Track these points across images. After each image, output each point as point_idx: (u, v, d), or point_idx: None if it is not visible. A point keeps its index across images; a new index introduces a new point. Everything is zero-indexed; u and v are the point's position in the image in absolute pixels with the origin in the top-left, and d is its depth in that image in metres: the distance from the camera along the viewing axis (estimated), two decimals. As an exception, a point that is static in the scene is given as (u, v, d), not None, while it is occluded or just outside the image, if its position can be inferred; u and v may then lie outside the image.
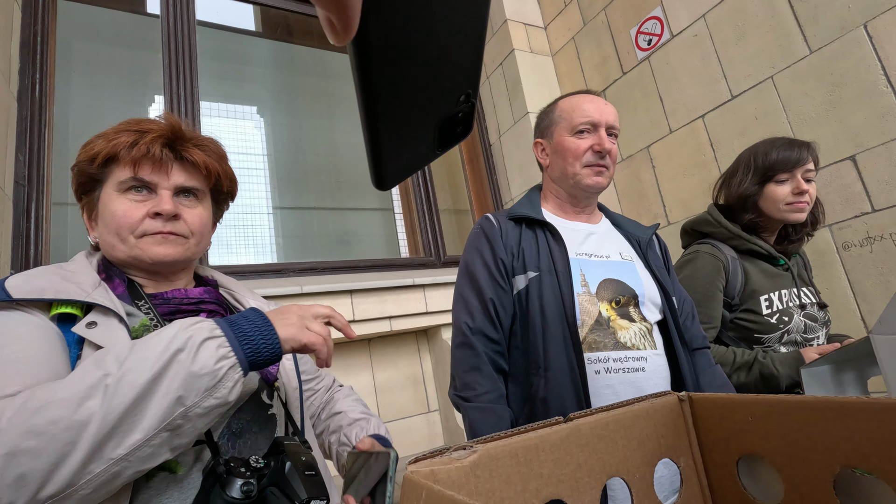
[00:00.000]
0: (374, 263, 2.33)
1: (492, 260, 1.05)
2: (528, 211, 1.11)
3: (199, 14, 2.26)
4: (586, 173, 1.09)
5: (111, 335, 0.62)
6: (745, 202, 1.34)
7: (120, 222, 0.73)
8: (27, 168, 1.65)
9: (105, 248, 0.76)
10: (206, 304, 0.78)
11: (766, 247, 1.34)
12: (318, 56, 2.92)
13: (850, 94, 1.55)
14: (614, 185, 2.41)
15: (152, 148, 0.73)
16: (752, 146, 1.38)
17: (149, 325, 0.69)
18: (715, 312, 1.29)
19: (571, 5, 2.62)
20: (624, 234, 1.17)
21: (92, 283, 0.68)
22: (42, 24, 1.80)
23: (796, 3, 1.67)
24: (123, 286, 0.74)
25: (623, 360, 0.95)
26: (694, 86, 2.02)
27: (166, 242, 0.75)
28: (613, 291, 1.01)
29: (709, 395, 0.43)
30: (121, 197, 0.73)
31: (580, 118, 1.09)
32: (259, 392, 0.74)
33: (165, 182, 0.76)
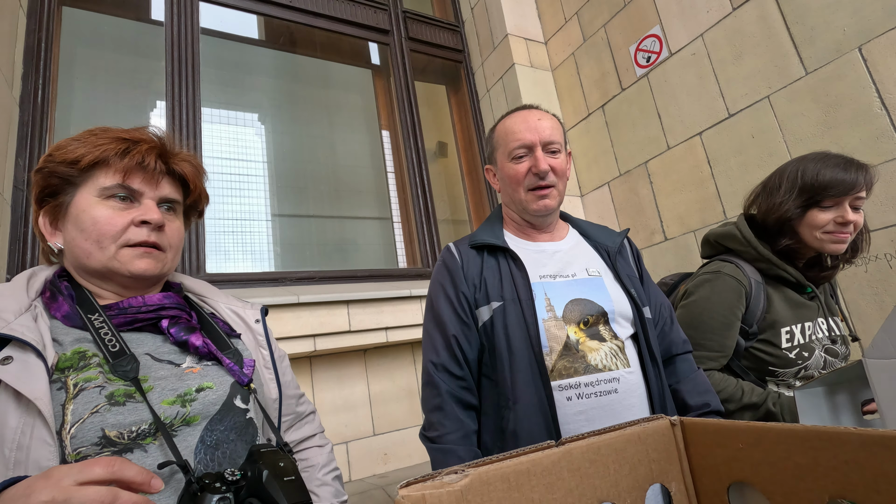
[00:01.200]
0: (371, 273, 2.33)
1: (454, 294, 1.04)
2: (489, 238, 1.08)
3: (203, 22, 2.28)
4: (530, 199, 1.06)
5: (26, 373, 0.58)
6: (783, 226, 1.19)
7: (102, 229, 0.70)
8: (27, 173, 1.65)
9: (75, 256, 0.72)
10: (166, 311, 0.75)
11: (795, 275, 1.21)
12: (321, 66, 2.94)
13: (846, 116, 1.57)
14: (612, 199, 2.42)
15: (147, 158, 0.73)
16: (799, 159, 1.22)
17: (84, 353, 0.65)
18: (729, 342, 1.19)
19: (572, 21, 2.65)
20: (592, 245, 1.13)
21: (16, 309, 0.64)
22: (46, 31, 1.82)
23: (792, 26, 1.70)
24: (70, 302, 0.70)
25: (595, 383, 0.94)
26: (692, 103, 2.04)
27: (148, 257, 0.73)
28: (580, 312, 0.99)
29: (700, 420, 0.44)
30: (101, 203, 0.71)
31: (513, 143, 1.06)
32: (231, 398, 0.71)
33: (152, 192, 0.74)
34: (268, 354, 0.84)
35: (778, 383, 1.19)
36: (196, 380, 0.70)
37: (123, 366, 0.65)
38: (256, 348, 0.84)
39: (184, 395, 0.67)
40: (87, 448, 0.59)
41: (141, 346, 0.71)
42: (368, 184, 2.92)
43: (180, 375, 0.69)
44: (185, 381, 0.69)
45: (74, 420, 0.59)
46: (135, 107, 2.45)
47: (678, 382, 1.07)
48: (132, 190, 0.73)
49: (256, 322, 0.87)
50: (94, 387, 0.62)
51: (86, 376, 0.63)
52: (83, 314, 0.69)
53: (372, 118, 2.97)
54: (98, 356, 0.65)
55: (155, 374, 0.68)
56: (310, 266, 2.54)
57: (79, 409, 0.60)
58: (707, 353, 1.20)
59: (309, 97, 3.03)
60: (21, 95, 1.69)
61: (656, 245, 2.19)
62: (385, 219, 2.86)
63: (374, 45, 2.91)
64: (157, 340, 0.73)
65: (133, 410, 0.62)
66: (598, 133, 2.50)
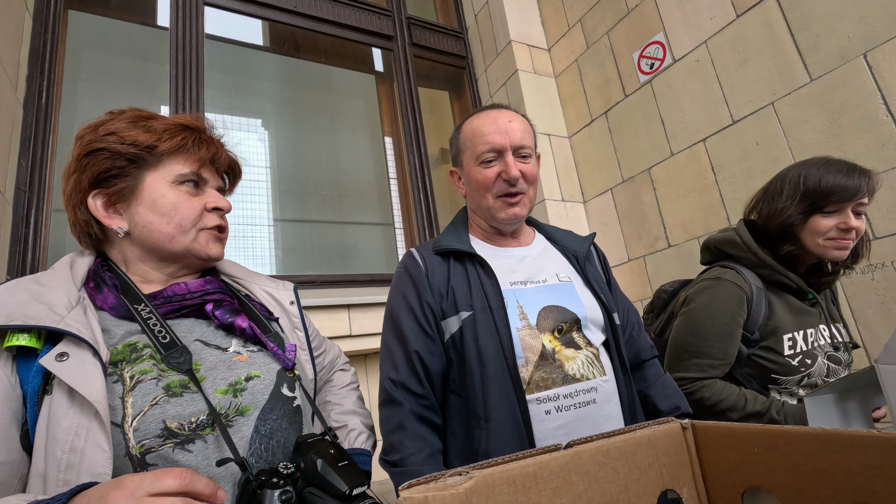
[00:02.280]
0: (372, 278, 2.32)
1: (417, 305, 0.96)
2: (455, 243, 1.01)
3: (208, 28, 2.29)
4: (499, 206, 1.00)
5: (83, 372, 0.58)
6: (784, 231, 1.18)
7: (184, 214, 0.74)
8: (29, 174, 1.65)
9: (152, 240, 0.73)
10: (210, 296, 0.76)
11: (797, 281, 1.19)
12: (324, 71, 2.95)
13: (851, 122, 1.56)
14: (615, 205, 2.41)
15: (221, 155, 0.80)
16: (801, 164, 1.20)
17: (135, 345, 0.65)
18: (731, 349, 1.17)
19: (575, 28, 2.66)
20: (560, 250, 1.09)
21: (66, 302, 0.63)
22: (52, 34, 1.82)
23: (797, 32, 1.70)
24: (116, 293, 0.71)
25: (573, 394, 0.89)
26: (695, 110, 2.04)
27: (220, 242, 0.79)
28: (555, 319, 0.94)
29: (712, 423, 0.42)
30: (176, 188, 0.74)
31: (482, 146, 0.99)
32: (279, 386, 0.72)
33: (214, 181, 0.80)
34: (303, 336, 0.86)
35: (780, 391, 1.17)
36: (244, 368, 0.71)
37: (176, 357, 0.66)
38: (292, 330, 0.86)
39: (234, 384, 0.68)
40: (150, 440, 0.59)
41: (190, 333, 0.72)
42: (370, 189, 2.92)
43: (229, 363, 0.70)
44: (234, 369, 0.70)
45: (135, 413, 0.60)
46: (139, 110, 2.45)
47: (648, 388, 1.05)
48: (202, 178, 0.77)
49: (291, 304, 0.89)
50: (150, 379, 0.63)
51: (141, 368, 0.63)
52: (129, 304, 0.69)
53: (375, 124, 2.97)
54: (150, 348, 0.66)
55: (206, 361, 0.69)
56: (311, 270, 2.52)
57: (138, 401, 0.60)
58: (709, 361, 1.18)
59: (312, 102, 3.04)
60: (25, 97, 1.69)
61: (660, 252, 2.18)
62: (387, 224, 2.85)
63: (378, 51, 2.92)
64: (202, 325, 0.75)
65: (191, 401, 0.63)
66: (602, 139, 2.49)
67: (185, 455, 0.60)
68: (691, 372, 1.19)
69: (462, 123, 1.08)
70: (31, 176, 1.65)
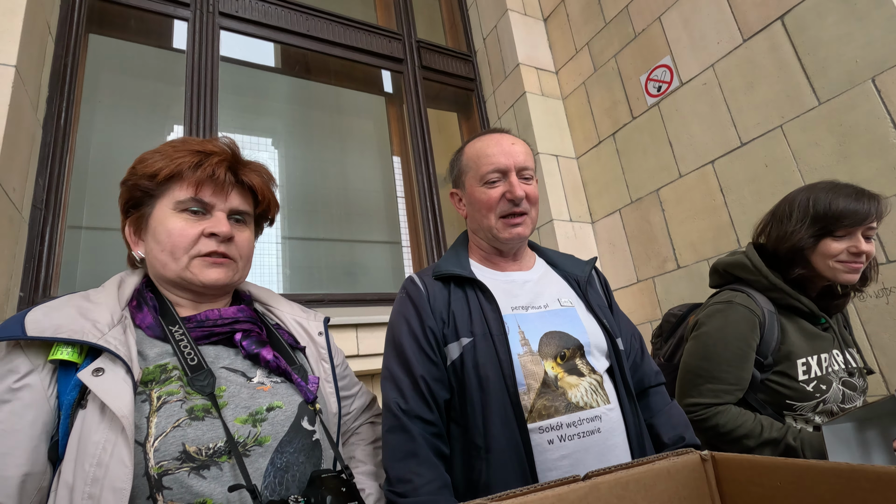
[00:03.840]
0: (380, 297, 2.31)
1: (419, 329, 0.94)
2: (455, 268, 1.01)
3: (223, 51, 2.35)
4: (502, 226, 1.00)
5: (115, 387, 0.60)
6: (795, 255, 1.18)
7: (176, 241, 0.73)
8: (46, 192, 1.68)
9: (153, 266, 0.76)
10: (240, 324, 0.77)
11: (809, 304, 1.18)
12: (334, 92, 3.00)
13: (861, 146, 1.56)
14: (623, 226, 2.41)
15: (217, 170, 0.76)
16: (809, 188, 1.22)
17: (165, 367, 0.67)
18: (745, 374, 1.15)
19: (582, 52, 2.69)
20: (561, 275, 1.08)
21: (109, 320, 0.67)
22: (73, 57, 1.87)
23: (804, 56, 1.71)
24: (154, 314, 0.73)
25: (577, 423, 0.86)
26: (703, 132, 2.05)
27: (218, 267, 0.76)
28: (557, 346, 0.92)
29: (734, 456, 0.41)
30: (176, 215, 0.75)
31: (486, 166, 1.00)
32: (299, 419, 0.72)
33: (222, 204, 0.77)
34: (329, 368, 0.85)
35: (796, 418, 1.15)
36: (266, 398, 0.71)
37: (201, 380, 0.67)
38: (318, 361, 0.85)
39: (255, 413, 0.69)
40: (168, 462, 0.60)
41: (217, 360, 0.73)
42: (379, 208, 2.94)
43: (252, 392, 0.71)
44: (256, 398, 0.70)
45: (158, 433, 0.61)
46: (153, 130, 2.50)
47: (652, 416, 1.02)
48: (204, 203, 0.76)
49: (320, 335, 0.88)
50: (175, 400, 0.64)
51: (168, 390, 0.65)
52: (165, 325, 0.72)
53: (384, 144, 3.01)
54: (178, 370, 0.68)
55: (229, 388, 0.70)
56: (318, 289, 2.53)
57: (162, 422, 0.62)
58: (723, 387, 1.16)
59: (322, 122, 3.08)
60: (45, 118, 1.73)
61: (669, 273, 2.17)
62: (395, 243, 2.86)
63: (388, 73, 2.98)
64: (230, 353, 0.76)
65: (211, 426, 0.64)
66: (609, 160, 2.50)
67: (200, 481, 0.61)
68: (704, 397, 1.17)
69: (463, 146, 1.09)
70: (47, 194, 1.68)
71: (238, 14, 2.41)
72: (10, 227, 1.42)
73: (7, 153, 1.36)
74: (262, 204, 0.84)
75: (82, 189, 1.91)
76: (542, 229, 2.55)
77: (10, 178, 1.40)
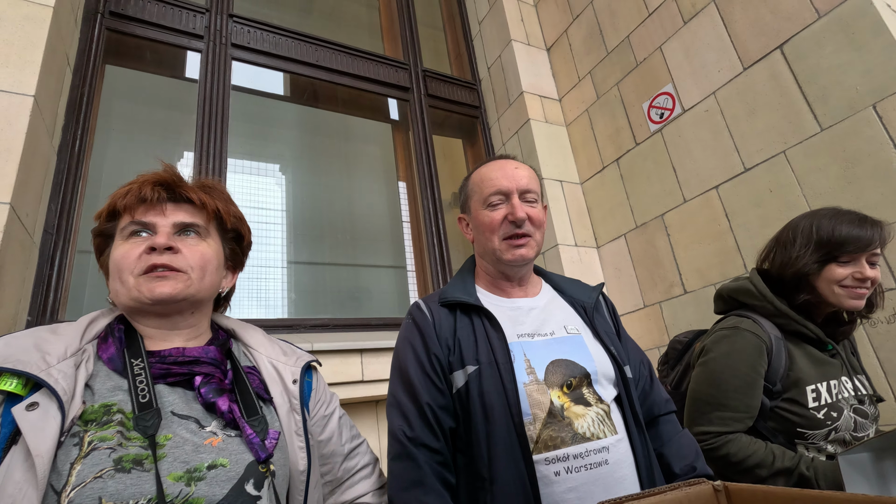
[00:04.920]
0: (385, 322, 2.31)
1: (425, 356, 0.93)
2: (461, 295, 1.00)
3: (234, 80, 2.41)
4: (505, 247, 1.00)
5: (41, 424, 0.58)
6: (800, 281, 1.17)
7: (120, 264, 0.74)
8: (57, 217, 1.70)
9: (114, 299, 0.76)
10: (199, 366, 0.73)
11: (815, 330, 1.17)
12: (341, 120, 3.07)
13: (865, 171, 1.56)
14: (629, 251, 2.41)
15: (143, 189, 0.76)
16: (811, 214, 1.23)
17: (110, 407, 0.64)
18: (754, 402, 1.13)
19: (585, 80, 2.75)
20: (568, 301, 1.07)
21: (62, 353, 0.65)
22: (89, 86, 1.93)
23: (804, 84, 1.74)
24: (118, 345, 0.72)
25: (584, 454, 0.84)
26: (706, 158, 2.06)
27: (165, 279, 0.73)
28: (563, 374, 0.91)
29: (747, 486, 0.41)
30: (123, 242, 0.76)
31: (489, 189, 1.02)
32: (243, 482, 0.66)
33: (163, 220, 0.77)
34: (300, 420, 0.78)
35: (808, 447, 1.12)
36: (212, 454, 0.66)
37: (145, 420, 0.64)
38: (290, 413, 0.79)
39: (193, 470, 0.64)
40: None
41: (170, 404, 0.70)
42: (384, 233, 2.96)
43: (197, 446, 0.66)
44: (199, 453, 0.66)
45: (77, 482, 0.57)
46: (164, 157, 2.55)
47: (662, 446, 0.99)
48: (144, 223, 0.76)
49: (294, 383, 0.82)
50: (105, 447, 0.60)
51: (102, 435, 0.61)
52: (127, 358, 0.70)
53: (390, 170, 3.05)
54: (122, 413, 0.65)
55: (176, 437, 0.66)
56: (323, 313, 2.53)
57: (84, 470, 0.58)
58: (732, 414, 1.14)
59: (329, 149, 3.14)
60: (60, 145, 1.77)
61: (676, 298, 2.15)
62: (400, 267, 2.87)
63: (394, 101, 3.04)
64: (188, 397, 0.72)
65: (136, 481, 0.59)
66: (613, 185, 2.52)
67: None
68: (714, 426, 1.14)
69: (471, 173, 1.12)
70: (59, 220, 1.71)
71: (249, 45, 2.49)
72: (21, 252, 1.44)
73: (22, 179, 1.39)
74: (208, 212, 0.81)
75: (93, 214, 1.94)
76: (547, 254, 2.55)
77: (24, 204, 1.43)
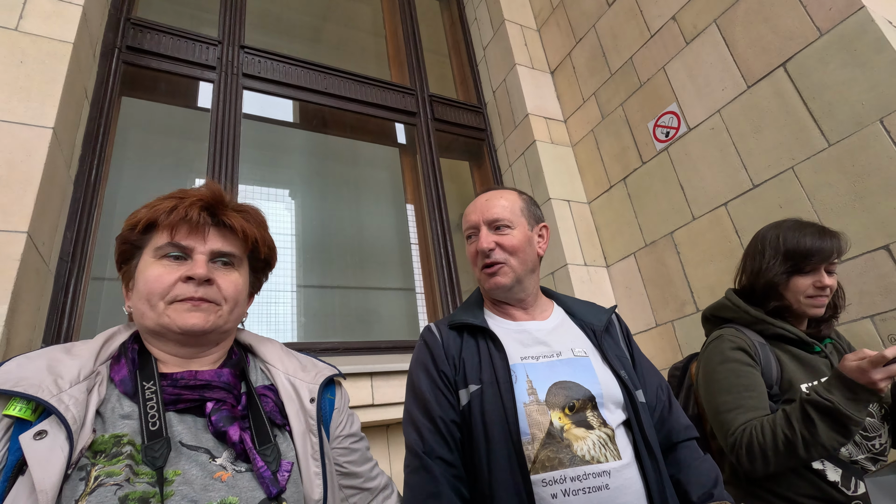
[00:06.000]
0: (395, 345, 2.30)
1: (436, 373, 0.98)
2: (468, 317, 1.04)
3: (245, 108, 2.47)
4: (483, 277, 1.06)
5: (48, 455, 0.55)
6: (770, 289, 1.27)
7: (151, 288, 0.70)
8: (73, 245, 1.73)
9: (136, 317, 0.73)
10: (211, 391, 0.70)
11: (794, 331, 1.24)
12: (350, 145, 3.12)
13: (876, 185, 1.55)
14: (639, 269, 2.39)
15: (190, 212, 0.73)
16: (776, 225, 1.33)
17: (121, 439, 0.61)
18: (765, 396, 1.16)
19: (590, 101, 2.78)
20: (578, 324, 1.08)
21: (75, 376, 0.63)
22: (106, 118, 1.99)
23: (809, 100, 1.74)
24: (131, 367, 0.69)
25: (582, 477, 0.83)
26: (714, 175, 2.06)
27: (197, 310, 0.71)
28: (566, 396, 0.91)
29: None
30: (156, 263, 0.72)
31: (465, 225, 1.11)
32: None
33: (201, 246, 0.74)
34: (317, 443, 0.74)
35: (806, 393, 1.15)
36: (221, 491, 0.63)
37: (154, 451, 0.61)
38: (305, 434, 0.75)
39: None
40: None
41: (179, 434, 0.67)
42: (393, 256, 2.97)
43: (206, 481, 0.63)
44: (208, 491, 0.62)
45: None
46: (176, 185, 2.60)
47: (679, 472, 0.96)
48: (182, 247, 0.73)
49: (311, 402, 0.78)
50: (112, 483, 0.57)
51: (110, 470, 0.59)
52: (140, 381, 0.67)
53: (398, 193, 3.08)
54: (132, 445, 0.62)
55: (185, 472, 0.63)
56: (333, 336, 2.52)
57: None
58: (754, 413, 1.14)
59: (338, 174, 3.18)
60: (76, 175, 1.82)
61: (689, 317, 2.12)
62: (409, 290, 2.87)
63: (401, 126, 3.09)
64: (199, 425, 0.69)
65: None
66: (621, 204, 2.52)
67: None
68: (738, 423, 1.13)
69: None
70: (74, 247, 1.74)
71: (260, 75, 2.56)
72: (36, 280, 1.46)
73: (40, 209, 1.42)
74: (248, 243, 0.79)
75: (107, 241, 1.97)
76: (556, 273, 2.54)
77: (41, 233, 1.46)
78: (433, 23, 3.67)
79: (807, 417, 1.02)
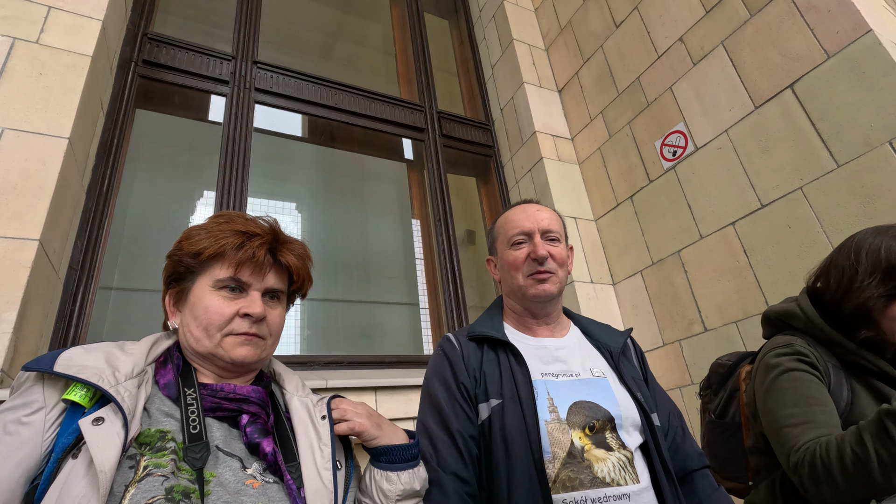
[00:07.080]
0: (399, 359, 2.28)
1: (454, 385, 0.96)
2: (489, 330, 1.03)
3: (256, 122, 2.51)
4: (529, 283, 1.03)
5: (106, 440, 0.59)
6: (861, 316, 0.99)
7: (211, 318, 0.75)
8: (83, 254, 1.75)
9: (187, 339, 0.77)
10: (248, 405, 0.76)
11: (879, 363, 0.98)
12: (357, 159, 3.15)
13: (886, 207, 1.55)
14: (646, 288, 2.38)
15: (258, 252, 0.78)
16: (877, 231, 1.03)
17: (165, 434, 0.66)
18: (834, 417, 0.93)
19: (597, 120, 2.80)
20: (594, 344, 1.07)
21: (129, 371, 0.68)
22: (120, 129, 2.02)
23: (817, 122, 1.75)
24: (175, 373, 0.74)
25: (603, 499, 0.83)
26: (722, 194, 2.06)
27: (248, 345, 0.77)
28: (586, 416, 0.90)
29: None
30: (214, 293, 0.77)
31: (512, 230, 1.08)
32: None
33: (259, 284, 0.79)
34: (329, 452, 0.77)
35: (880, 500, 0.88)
36: (251, 497, 0.67)
37: (195, 452, 0.66)
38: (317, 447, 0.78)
39: None
40: None
41: (217, 439, 0.71)
42: (398, 270, 2.97)
43: (239, 487, 0.67)
44: (241, 495, 0.66)
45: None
46: (186, 196, 2.63)
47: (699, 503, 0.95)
48: (241, 282, 0.78)
49: (323, 419, 0.82)
50: (159, 474, 0.61)
51: (157, 461, 0.63)
52: (182, 387, 0.72)
53: (405, 207, 3.10)
54: (175, 442, 0.66)
55: (220, 476, 0.67)
56: (337, 350, 2.51)
57: (138, 495, 0.59)
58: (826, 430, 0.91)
59: (345, 188, 3.21)
60: (89, 184, 1.84)
61: (696, 336, 2.10)
62: (413, 304, 2.86)
63: (409, 141, 3.12)
64: (233, 435, 0.74)
65: None
66: (628, 222, 2.52)
67: None
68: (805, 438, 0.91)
69: (497, 217, 1.18)
70: (84, 256, 1.75)
71: (272, 89, 2.60)
72: (46, 288, 1.47)
73: (52, 217, 1.43)
74: (297, 282, 0.86)
75: (116, 251, 1.98)
76: (563, 291, 2.53)
77: (53, 241, 1.47)
78: (442, 41, 3.73)
79: (883, 431, 0.78)
